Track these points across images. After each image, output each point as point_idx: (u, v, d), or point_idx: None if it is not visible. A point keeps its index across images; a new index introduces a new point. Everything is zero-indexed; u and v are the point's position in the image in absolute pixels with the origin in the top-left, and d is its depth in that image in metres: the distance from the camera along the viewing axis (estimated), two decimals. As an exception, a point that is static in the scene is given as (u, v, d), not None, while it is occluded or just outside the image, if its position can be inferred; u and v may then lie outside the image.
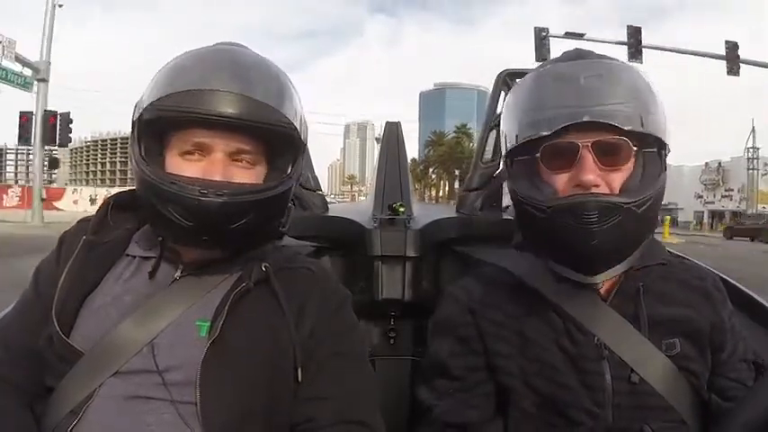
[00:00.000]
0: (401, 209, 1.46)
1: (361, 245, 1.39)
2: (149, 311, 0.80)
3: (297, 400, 0.81)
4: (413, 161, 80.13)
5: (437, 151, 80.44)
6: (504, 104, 0.95)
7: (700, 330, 0.87)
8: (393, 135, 1.81)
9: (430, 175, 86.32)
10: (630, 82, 0.83)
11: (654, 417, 0.82)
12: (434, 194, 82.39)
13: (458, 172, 67.35)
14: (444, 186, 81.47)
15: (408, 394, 1.13)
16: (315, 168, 1.64)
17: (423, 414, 0.94)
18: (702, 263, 1.04)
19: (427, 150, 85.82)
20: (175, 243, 0.83)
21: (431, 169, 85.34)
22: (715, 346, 0.88)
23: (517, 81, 1.04)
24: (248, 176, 0.81)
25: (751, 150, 43.04)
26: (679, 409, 0.83)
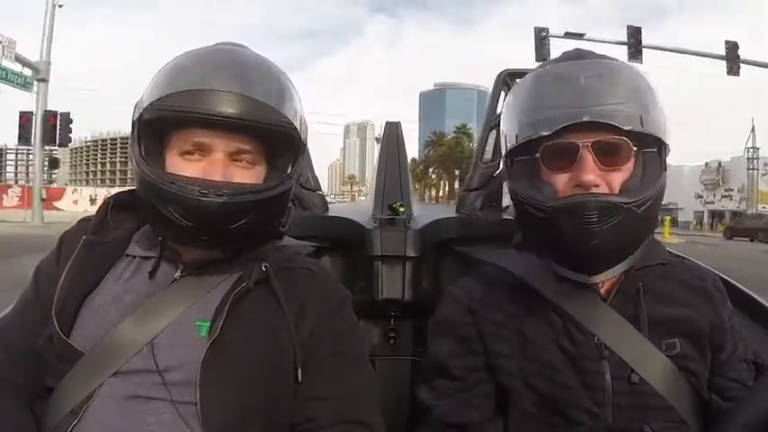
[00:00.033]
0: (401, 209, 1.46)
1: (361, 245, 1.39)
2: (149, 311, 0.80)
3: (297, 400, 0.81)
4: (413, 161, 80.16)
5: (437, 151, 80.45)
6: (504, 104, 0.95)
7: (700, 330, 0.87)
8: (393, 135, 1.81)
9: (430, 175, 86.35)
10: (630, 82, 0.83)
11: (654, 417, 0.82)
12: (434, 194, 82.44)
13: (458, 172, 67.39)
14: (444, 186, 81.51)
15: (408, 394, 1.13)
16: (315, 168, 1.64)
17: (423, 414, 0.94)
18: (703, 263, 1.04)
19: (427, 150, 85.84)
20: (175, 243, 0.83)
21: (431, 169, 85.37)
22: (715, 346, 0.88)
23: (517, 81, 1.04)
24: (248, 176, 0.81)
25: (751, 150, 42.98)
26: (679, 409, 0.83)
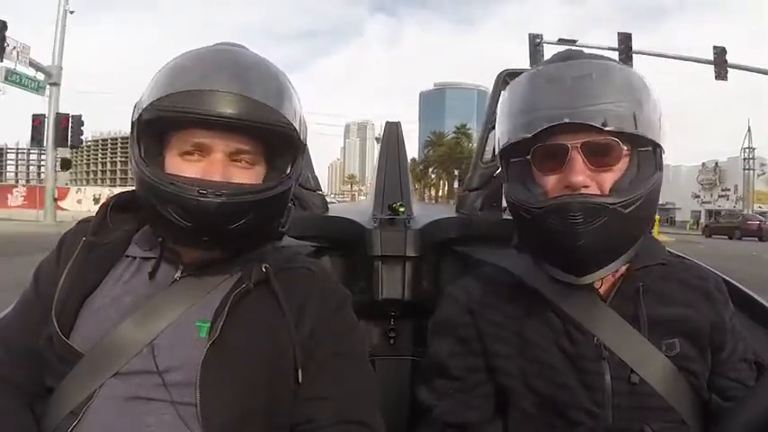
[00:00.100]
0: (401, 209, 1.46)
1: (361, 245, 1.39)
2: (149, 312, 0.80)
3: (297, 400, 0.81)
4: (413, 161, 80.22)
5: (437, 151, 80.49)
6: (498, 106, 0.95)
7: (699, 330, 0.87)
8: (393, 135, 1.81)
9: (429, 175, 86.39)
10: (622, 81, 0.82)
11: (654, 417, 0.82)
12: (434, 194, 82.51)
13: (457, 172, 67.44)
14: (444, 186, 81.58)
15: (408, 394, 1.13)
16: (315, 168, 1.64)
17: (423, 414, 0.94)
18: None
19: (427, 150, 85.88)
20: (175, 244, 0.83)
21: (430, 169, 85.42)
22: (715, 345, 0.88)
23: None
24: (247, 177, 0.81)
25: (747, 150, 42.91)
26: (679, 410, 0.83)
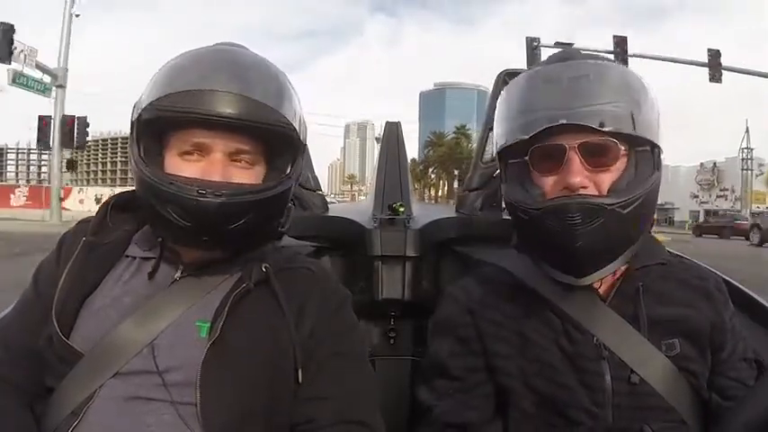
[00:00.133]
0: (401, 209, 1.46)
1: (361, 245, 1.39)
2: (149, 312, 0.80)
3: (297, 400, 0.81)
4: (412, 161, 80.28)
5: (437, 152, 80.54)
6: (496, 107, 0.95)
7: (699, 330, 0.87)
8: (393, 135, 1.81)
9: (429, 175, 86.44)
10: (620, 81, 0.82)
11: (654, 417, 0.82)
12: (434, 194, 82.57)
13: (457, 172, 67.49)
14: (443, 186, 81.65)
15: (408, 394, 1.13)
16: (315, 168, 1.64)
17: (423, 414, 0.94)
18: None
19: (427, 151, 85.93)
20: (175, 244, 0.83)
21: (430, 169, 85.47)
22: (715, 345, 0.88)
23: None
24: (247, 177, 0.81)
25: (745, 151, 42.92)
26: (679, 410, 0.83)
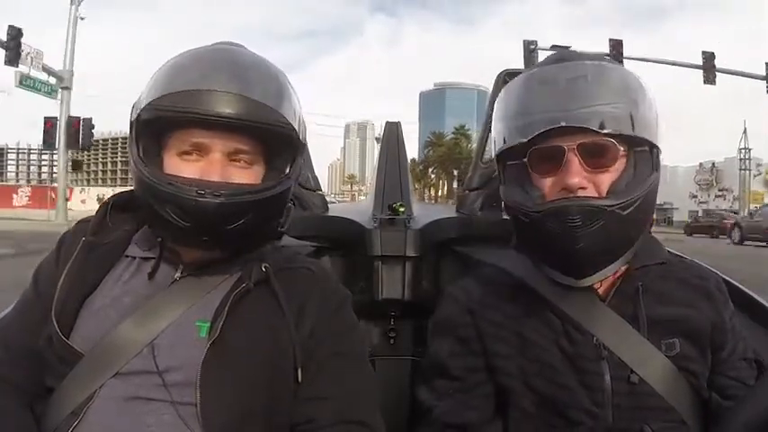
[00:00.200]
0: (401, 209, 1.46)
1: (361, 245, 1.38)
2: (149, 312, 0.80)
3: (297, 400, 0.81)
4: (412, 161, 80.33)
5: (436, 152, 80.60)
6: (494, 109, 0.95)
7: (699, 330, 0.87)
8: (393, 135, 1.81)
9: (429, 175, 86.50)
10: (617, 82, 0.82)
11: (654, 417, 0.82)
12: (433, 194, 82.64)
13: (456, 172, 67.54)
14: (443, 186, 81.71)
15: (408, 394, 1.13)
16: (315, 168, 1.64)
17: (423, 414, 0.93)
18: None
19: (427, 151, 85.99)
20: (174, 244, 0.83)
21: (430, 169, 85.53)
22: (715, 345, 0.88)
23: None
24: (246, 177, 0.81)
25: (743, 151, 42.88)
26: (679, 410, 0.83)
